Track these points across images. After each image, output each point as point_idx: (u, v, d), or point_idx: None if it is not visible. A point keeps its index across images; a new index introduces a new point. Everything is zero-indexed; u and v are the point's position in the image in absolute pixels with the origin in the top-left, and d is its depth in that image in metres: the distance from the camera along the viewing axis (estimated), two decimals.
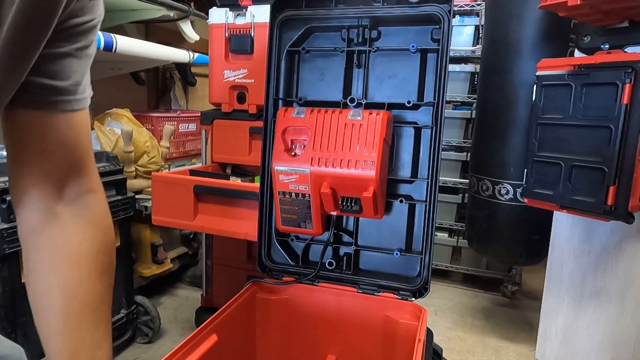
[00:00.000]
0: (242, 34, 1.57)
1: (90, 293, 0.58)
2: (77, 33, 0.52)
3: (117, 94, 2.50)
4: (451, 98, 2.41)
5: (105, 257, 0.61)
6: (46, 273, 0.56)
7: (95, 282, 0.59)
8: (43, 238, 0.57)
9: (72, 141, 0.56)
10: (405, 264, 1.09)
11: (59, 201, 0.57)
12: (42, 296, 0.56)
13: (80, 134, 0.57)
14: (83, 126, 0.58)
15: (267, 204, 1.12)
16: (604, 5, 1.14)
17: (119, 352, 1.69)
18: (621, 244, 1.45)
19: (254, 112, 1.60)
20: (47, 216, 0.57)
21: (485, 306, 2.26)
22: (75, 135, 0.57)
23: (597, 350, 1.54)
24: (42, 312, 0.56)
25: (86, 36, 0.53)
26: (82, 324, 0.56)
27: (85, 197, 0.60)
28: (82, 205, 0.59)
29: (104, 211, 0.63)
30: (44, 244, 0.57)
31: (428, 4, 0.98)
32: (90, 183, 0.61)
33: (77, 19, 0.51)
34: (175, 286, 2.33)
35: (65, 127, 0.55)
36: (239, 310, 1.03)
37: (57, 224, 0.57)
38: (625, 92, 1.12)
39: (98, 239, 0.60)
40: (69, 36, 0.51)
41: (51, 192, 0.57)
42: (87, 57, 0.55)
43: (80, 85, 0.55)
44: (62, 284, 0.56)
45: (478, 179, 1.84)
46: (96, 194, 0.62)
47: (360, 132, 0.98)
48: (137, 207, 1.76)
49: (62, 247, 0.57)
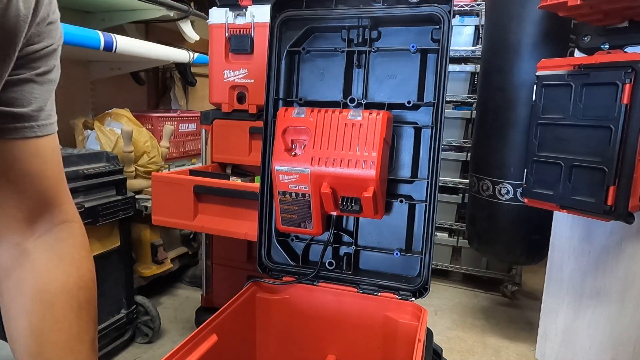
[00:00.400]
0: (242, 34, 1.57)
1: (66, 333, 0.54)
2: (35, 59, 0.50)
3: (117, 94, 2.50)
4: (451, 98, 2.42)
5: (82, 293, 0.57)
6: (17, 316, 0.53)
7: (71, 322, 0.55)
8: (13, 279, 0.54)
9: (39, 171, 0.54)
10: (405, 264, 1.09)
11: (29, 236, 0.54)
12: (16, 340, 0.53)
13: (47, 161, 0.54)
14: (50, 153, 0.55)
15: (267, 204, 1.12)
16: (604, 5, 1.14)
17: (119, 352, 1.69)
18: (621, 244, 1.45)
19: (254, 112, 1.60)
20: (16, 254, 0.54)
21: (485, 306, 2.26)
22: (42, 164, 0.54)
23: (597, 350, 1.54)
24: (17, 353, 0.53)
25: (46, 61, 0.52)
26: None
27: (58, 230, 0.57)
28: (54, 239, 0.56)
29: (79, 243, 0.60)
30: (14, 284, 0.54)
31: (428, 4, 0.98)
32: (63, 214, 0.58)
33: (35, 45, 0.50)
34: (175, 286, 2.34)
35: (30, 156, 0.52)
36: (239, 310, 1.03)
37: (27, 262, 0.54)
38: (625, 92, 1.12)
39: (72, 274, 0.57)
40: (27, 62, 0.50)
41: (20, 227, 0.54)
42: (50, 82, 0.53)
43: (43, 111, 0.52)
44: (34, 326, 0.53)
45: (478, 178, 1.84)
46: (70, 224, 0.59)
47: (360, 132, 0.98)
48: (137, 207, 1.76)
49: (33, 287, 0.54)
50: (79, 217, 0.61)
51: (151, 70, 2.72)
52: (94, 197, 1.51)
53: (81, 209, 1.42)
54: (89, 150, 1.63)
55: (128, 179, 1.71)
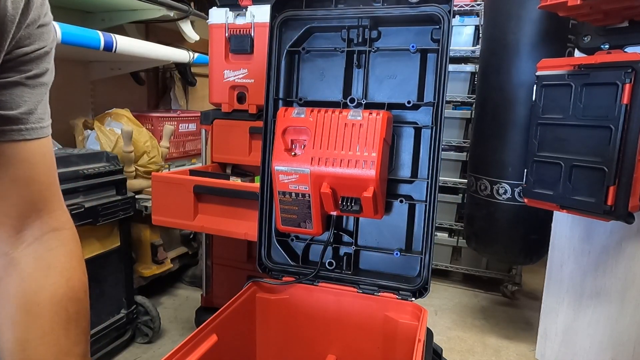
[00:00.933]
0: (242, 34, 1.57)
1: (53, 346, 0.52)
2: (25, 62, 0.49)
3: (117, 94, 2.50)
4: (451, 98, 2.42)
5: (72, 305, 0.55)
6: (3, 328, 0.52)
7: (59, 334, 0.53)
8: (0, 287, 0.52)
9: (28, 176, 0.52)
10: (405, 264, 1.09)
11: (17, 244, 0.53)
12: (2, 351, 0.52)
13: (36, 166, 0.52)
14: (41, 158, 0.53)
15: (267, 204, 1.12)
16: (604, 5, 1.14)
17: (119, 352, 1.69)
18: (621, 244, 1.45)
19: (254, 112, 1.60)
20: (4, 263, 0.52)
21: (485, 306, 2.27)
22: (31, 169, 0.52)
23: (597, 350, 1.54)
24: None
25: (37, 64, 0.51)
26: None
27: (48, 238, 0.55)
28: (44, 247, 0.54)
29: (69, 252, 0.57)
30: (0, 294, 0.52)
31: (428, 4, 0.98)
32: (53, 221, 0.56)
33: (25, 48, 0.49)
34: (175, 286, 2.34)
35: (18, 160, 0.50)
36: (239, 310, 1.03)
37: (14, 271, 0.52)
38: (625, 92, 1.12)
39: (62, 285, 0.55)
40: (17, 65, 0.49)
41: (8, 235, 0.52)
42: (42, 85, 0.52)
43: (33, 114, 0.51)
44: (20, 338, 0.51)
45: (476, 178, 1.84)
46: (61, 232, 0.57)
47: (360, 132, 0.98)
48: (137, 207, 1.76)
49: (20, 298, 0.52)
50: (72, 224, 0.59)
51: (151, 70, 2.72)
52: (94, 197, 1.51)
53: (81, 209, 1.42)
54: (89, 150, 1.63)
55: (128, 179, 1.71)
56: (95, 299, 1.49)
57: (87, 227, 1.46)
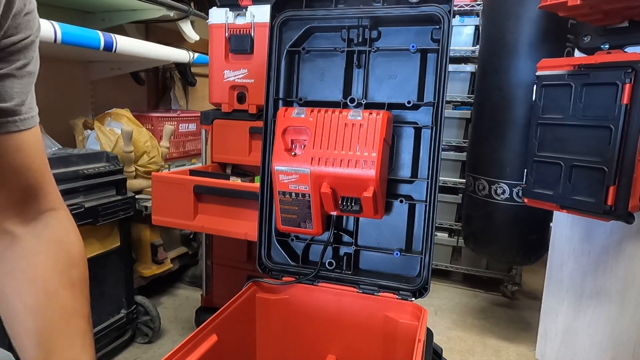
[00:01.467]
0: (242, 34, 1.57)
1: (60, 307, 0.56)
2: (14, 52, 0.50)
3: (117, 94, 2.50)
4: (451, 98, 2.42)
5: (75, 271, 0.59)
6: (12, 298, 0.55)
7: (65, 297, 0.57)
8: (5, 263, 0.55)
9: (24, 164, 0.55)
10: (405, 264, 1.09)
11: (18, 224, 0.56)
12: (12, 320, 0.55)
13: (31, 154, 0.55)
14: (34, 146, 0.56)
15: (267, 204, 1.12)
16: (604, 5, 1.14)
17: (119, 352, 1.69)
18: (621, 244, 1.45)
19: (254, 112, 1.60)
20: (7, 241, 0.56)
21: (485, 306, 2.27)
22: (27, 157, 0.55)
23: (597, 350, 1.54)
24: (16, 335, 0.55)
25: (24, 54, 0.52)
26: (56, 341, 0.54)
27: (45, 216, 0.59)
28: (42, 225, 0.58)
29: (66, 228, 0.61)
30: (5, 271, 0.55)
31: (428, 4, 0.98)
32: (49, 203, 0.59)
33: (13, 37, 0.49)
34: (175, 286, 2.34)
35: (14, 151, 0.53)
36: (239, 310, 1.03)
37: (18, 246, 0.56)
38: (625, 92, 1.12)
39: (62, 255, 0.59)
40: (6, 56, 0.50)
41: (9, 216, 0.55)
42: (29, 74, 0.53)
43: (24, 105, 0.53)
44: (29, 304, 0.54)
45: (475, 178, 1.84)
46: (57, 211, 0.60)
47: (360, 132, 0.98)
48: (137, 207, 1.76)
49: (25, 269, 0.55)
50: (65, 205, 0.63)
51: (151, 70, 2.72)
52: (94, 197, 1.51)
53: (81, 209, 1.42)
54: (89, 150, 1.63)
55: (128, 179, 1.71)
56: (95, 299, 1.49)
57: (87, 227, 1.46)
